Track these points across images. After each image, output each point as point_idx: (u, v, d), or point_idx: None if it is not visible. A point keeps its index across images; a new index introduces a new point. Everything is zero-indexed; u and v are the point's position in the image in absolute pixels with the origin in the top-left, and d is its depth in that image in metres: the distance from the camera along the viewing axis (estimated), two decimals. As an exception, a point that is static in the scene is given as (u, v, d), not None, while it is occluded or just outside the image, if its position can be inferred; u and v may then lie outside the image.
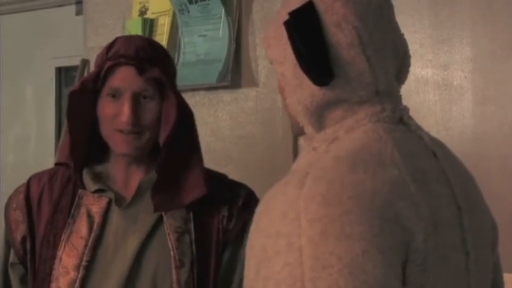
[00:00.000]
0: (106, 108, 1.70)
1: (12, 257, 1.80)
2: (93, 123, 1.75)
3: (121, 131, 1.69)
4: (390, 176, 1.17)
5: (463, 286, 1.26)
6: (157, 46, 1.81)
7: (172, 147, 1.72)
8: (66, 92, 3.80)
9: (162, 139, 1.72)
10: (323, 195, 1.12)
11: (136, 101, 1.69)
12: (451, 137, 2.37)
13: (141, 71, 1.69)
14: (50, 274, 1.70)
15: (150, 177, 1.75)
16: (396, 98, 1.33)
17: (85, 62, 3.31)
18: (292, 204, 1.14)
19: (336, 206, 1.11)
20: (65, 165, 1.80)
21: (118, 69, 1.69)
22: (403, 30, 1.40)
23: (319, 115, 1.29)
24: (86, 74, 3.29)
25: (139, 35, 1.83)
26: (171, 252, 1.69)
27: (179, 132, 1.72)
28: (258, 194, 1.84)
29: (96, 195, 1.74)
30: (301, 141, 1.35)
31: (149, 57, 1.72)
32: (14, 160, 3.93)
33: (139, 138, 1.70)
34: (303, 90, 1.27)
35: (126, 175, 1.76)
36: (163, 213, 1.72)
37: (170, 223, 1.72)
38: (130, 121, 1.67)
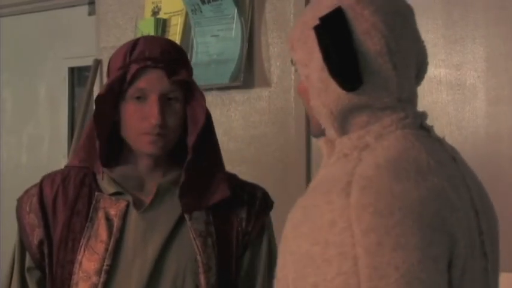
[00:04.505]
0: (132, 110, 1.69)
1: (28, 261, 1.76)
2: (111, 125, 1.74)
3: (148, 133, 1.68)
4: (431, 185, 1.19)
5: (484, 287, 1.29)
6: (179, 47, 1.81)
7: (199, 149, 1.72)
8: (78, 92, 3.81)
9: (191, 141, 1.72)
10: (374, 206, 1.14)
11: (163, 103, 1.68)
12: (464, 137, 2.37)
13: (170, 74, 1.69)
14: (69, 278, 1.68)
15: (168, 179, 1.75)
16: (415, 104, 1.35)
17: (98, 62, 3.32)
18: (341, 214, 1.15)
19: (389, 217, 1.14)
20: (86, 169, 1.77)
21: (144, 71, 1.68)
22: (416, 30, 1.41)
23: (343, 120, 1.29)
24: (98, 74, 3.32)
25: (159, 36, 1.82)
26: (198, 256, 1.69)
27: (204, 134, 1.73)
28: (271, 194, 1.85)
29: (113, 198, 1.73)
30: (320, 142, 1.35)
31: (175, 59, 1.72)
32: (27, 160, 3.94)
33: (164, 139, 1.69)
34: (328, 94, 1.28)
35: (142, 177, 1.75)
36: (187, 218, 1.71)
37: (195, 228, 1.71)
38: (159, 123, 1.66)
